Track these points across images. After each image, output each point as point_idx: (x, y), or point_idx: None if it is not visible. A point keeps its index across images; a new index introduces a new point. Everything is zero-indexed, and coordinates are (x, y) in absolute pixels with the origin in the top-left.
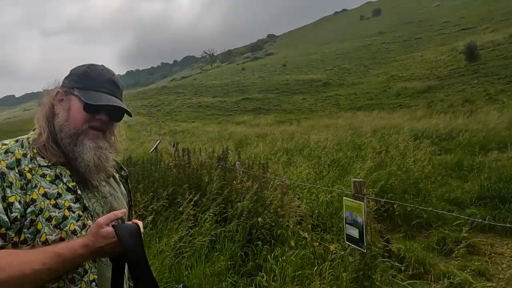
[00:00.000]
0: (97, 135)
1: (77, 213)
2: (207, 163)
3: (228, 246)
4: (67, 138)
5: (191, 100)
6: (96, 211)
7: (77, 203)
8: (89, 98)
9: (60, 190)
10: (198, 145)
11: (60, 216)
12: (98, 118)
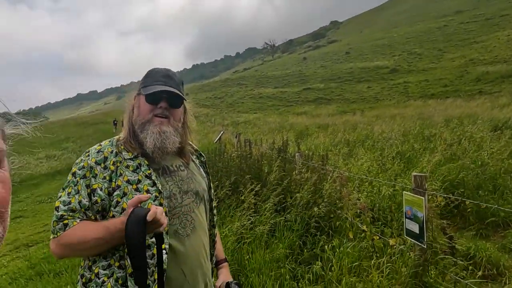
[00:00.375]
0: (161, 122)
1: (154, 195)
2: (268, 154)
3: (287, 235)
4: (139, 129)
5: (253, 91)
6: (172, 192)
7: (154, 187)
8: (147, 91)
9: (140, 177)
10: (259, 136)
11: None
12: (160, 106)
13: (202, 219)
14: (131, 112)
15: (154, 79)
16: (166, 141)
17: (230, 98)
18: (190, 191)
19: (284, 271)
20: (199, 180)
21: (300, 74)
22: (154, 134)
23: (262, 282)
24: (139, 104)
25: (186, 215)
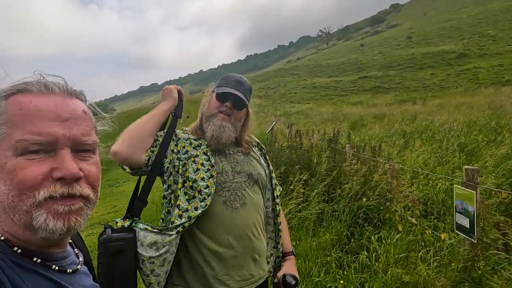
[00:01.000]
0: (223, 118)
1: (207, 167)
2: (318, 145)
3: (334, 225)
4: (205, 119)
5: (306, 81)
6: (225, 170)
7: (208, 161)
8: (218, 90)
9: (198, 153)
10: (311, 127)
11: (195, 167)
12: (225, 105)
13: (256, 200)
14: (203, 105)
15: (226, 82)
16: (222, 134)
17: (283, 88)
18: (243, 172)
19: (331, 259)
20: (256, 165)
21: (356, 62)
22: (215, 126)
23: (308, 268)
24: (210, 100)
25: (236, 191)
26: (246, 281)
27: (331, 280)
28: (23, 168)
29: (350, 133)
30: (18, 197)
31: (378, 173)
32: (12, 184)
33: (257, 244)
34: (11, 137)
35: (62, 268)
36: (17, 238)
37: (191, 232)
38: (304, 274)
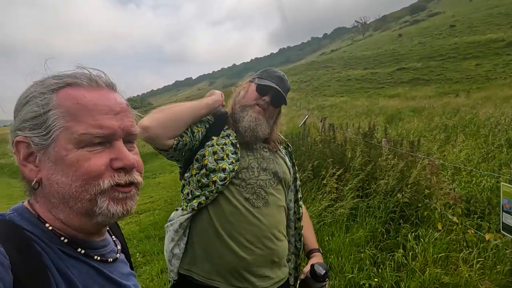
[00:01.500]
0: (259, 111)
1: (231, 160)
2: (352, 139)
3: (369, 221)
4: (239, 108)
5: (340, 74)
6: (251, 165)
7: (234, 154)
8: (260, 82)
9: (227, 142)
10: (345, 121)
11: (221, 156)
12: (264, 99)
13: (279, 199)
14: (237, 94)
15: (269, 76)
16: (258, 127)
17: (316, 82)
18: (269, 170)
19: (364, 256)
20: (281, 164)
21: (393, 53)
22: (252, 117)
23: (341, 264)
24: (249, 89)
25: (260, 188)
26: (263, 281)
27: (365, 277)
28: (87, 160)
29: (386, 127)
30: (82, 187)
31: (417, 168)
32: (76, 175)
33: (278, 246)
34: (72, 131)
35: (104, 258)
36: (70, 225)
37: (209, 221)
38: (337, 270)
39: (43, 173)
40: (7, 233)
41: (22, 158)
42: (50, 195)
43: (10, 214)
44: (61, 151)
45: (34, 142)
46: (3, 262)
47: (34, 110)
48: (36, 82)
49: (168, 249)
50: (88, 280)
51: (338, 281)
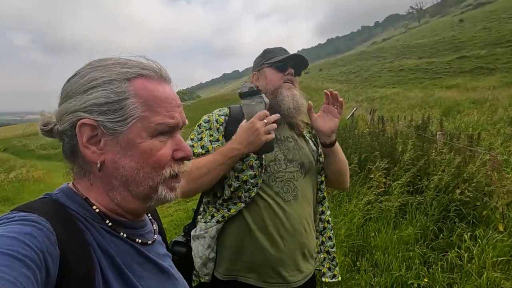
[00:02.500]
0: (289, 86)
1: (257, 155)
2: (404, 132)
3: (419, 218)
4: (270, 95)
5: (392, 64)
6: (277, 157)
7: None
8: (275, 60)
9: None
10: (397, 113)
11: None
12: (287, 73)
13: (307, 191)
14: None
15: (274, 53)
16: (299, 102)
17: (366, 72)
18: (295, 161)
19: (413, 255)
20: (307, 153)
21: (453, 40)
22: (288, 96)
23: (388, 261)
24: (266, 75)
25: (289, 181)
26: (295, 276)
27: (414, 276)
28: (158, 149)
29: (442, 119)
30: (149, 173)
31: (475, 164)
32: (147, 162)
33: (308, 239)
34: (148, 120)
35: (143, 238)
36: (122, 207)
37: (241, 220)
38: (383, 267)
39: (107, 156)
40: (54, 211)
41: (86, 139)
42: (112, 177)
43: (57, 194)
44: (136, 138)
45: (106, 126)
46: (50, 238)
47: (109, 96)
48: (101, 66)
49: (204, 255)
50: (127, 257)
51: (384, 279)
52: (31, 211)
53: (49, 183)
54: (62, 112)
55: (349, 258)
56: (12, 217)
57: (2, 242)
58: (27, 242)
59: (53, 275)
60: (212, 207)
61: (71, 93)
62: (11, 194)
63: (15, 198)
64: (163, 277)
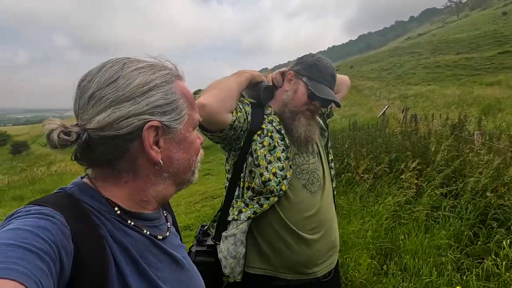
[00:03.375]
0: (309, 116)
1: (282, 147)
2: (439, 131)
3: (453, 222)
4: (288, 113)
5: (428, 60)
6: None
7: (282, 141)
8: (315, 89)
9: (273, 129)
10: (431, 111)
11: (272, 145)
12: (314, 104)
13: (327, 177)
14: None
15: (321, 76)
16: (311, 133)
17: (399, 69)
18: (313, 151)
19: (446, 260)
20: (319, 139)
21: (495, 34)
22: (304, 126)
23: (418, 266)
24: (297, 89)
25: (313, 172)
26: (327, 262)
27: (446, 283)
28: (196, 140)
29: (481, 118)
30: (194, 160)
31: None
32: (193, 151)
33: (334, 226)
34: (192, 117)
35: (159, 231)
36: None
37: (273, 215)
38: (412, 272)
39: (163, 153)
40: (68, 205)
41: (152, 141)
42: (164, 171)
43: (71, 188)
44: (185, 133)
45: (167, 125)
46: (64, 232)
47: (166, 97)
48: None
49: (238, 252)
50: (142, 249)
51: (413, 284)
52: (46, 205)
53: None
54: (116, 117)
55: (376, 261)
56: (28, 211)
57: (17, 235)
58: (41, 236)
59: (67, 268)
60: (240, 202)
61: (122, 98)
62: (50, 187)
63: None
64: (178, 268)
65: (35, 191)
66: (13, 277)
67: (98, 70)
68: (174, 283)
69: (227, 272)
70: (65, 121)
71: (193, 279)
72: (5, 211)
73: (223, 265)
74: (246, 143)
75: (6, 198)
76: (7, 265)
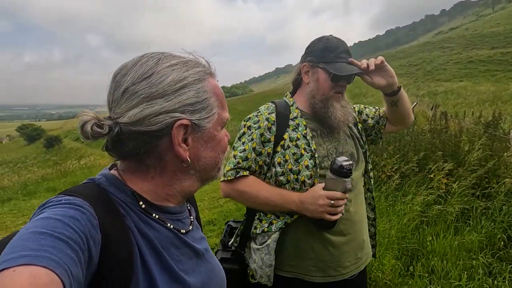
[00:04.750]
0: (339, 97)
1: (309, 154)
2: (471, 129)
3: (485, 224)
4: (320, 102)
5: (460, 55)
6: (330, 152)
7: (309, 146)
8: (335, 70)
9: (298, 135)
10: (463, 109)
11: (299, 153)
12: (339, 84)
13: (359, 180)
14: (305, 83)
15: (335, 56)
16: (348, 115)
17: (429, 65)
18: (346, 152)
19: (477, 264)
20: (355, 142)
21: None
22: (339, 109)
23: (446, 269)
24: (318, 78)
25: None
26: (355, 264)
27: (476, 287)
28: (224, 137)
29: None
30: (220, 158)
31: None
32: (221, 150)
33: (364, 227)
34: (222, 116)
35: (182, 225)
36: (181, 193)
37: (301, 220)
38: (440, 274)
39: (191, 151)
40: (97, 195)
41: (181, 139)
42: (191, 168)
43: (100, 179)
44: (214, 131)
45: (196, 124)
46: (92, 222)
47: (198, 95)
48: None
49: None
50: (165, 241)
51: (441, 287)
52: (76, 195)
53: None
54: (147, 113)
55: (402, 261)
56: (59, 201)
57: (49, 224)
58: (71, 225)
59: (95, 257)
60: (270, 214)
61: (155, 94)
62: (80, 179)
63: None
64: (199, 260)
65: (67, 183)
66: (45, 264)
67: (134, 64)
68: (196, 275)
69: (263, 281)
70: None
71: (214, 271)
72: (40, 202)
73: (259, 275)
74: (271, 155)
75: (41, 190)
76: (40, 253)
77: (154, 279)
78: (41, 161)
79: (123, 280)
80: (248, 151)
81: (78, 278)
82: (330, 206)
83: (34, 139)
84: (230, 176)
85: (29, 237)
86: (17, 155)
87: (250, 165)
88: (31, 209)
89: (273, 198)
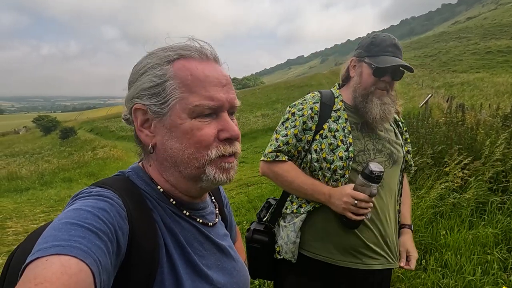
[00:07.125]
0: (382, 94)
1: (346, 146)
2: (488, 122)
3: (501, 219)
4: (360, 97)
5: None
6: (367, 147)
7: (346, 139)
8: (377, 63)
9: (338, 127)
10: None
11: (335, 144)
12: (383, 80)
13: (392, 182)
14: (346, 72)
15: (380, 49)
16: (387, 112)
17: (445, 56)
18: (384, 151)
19: (492, 259)
20: (395, 144)
21: None
22: (378, 106)
23: (460, 263)
24: (362, 72)
25: None
26: (379, 260)
27: (490, 282)
28: (199, 129)
29: None
30: (193, 154)
31: None
32: (189, 143)
33: (389, 230)
34: (187, 101)
35: (204, 220)
36: (177, 188)
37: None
38: (454, 269)
39: (157, 138)
40: (126, 189)
41: (139, 124)
42: (163, 159)
43: (129, 172)
44: (176, 120)
45: (152, 109)
46: (121, 214)
47: (152, 80)
48: (151, 53)
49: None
50: (189, 236)
51: (454, 281)
52: (106, 187)
53: (126, 161)
54: (125, 101)
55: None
56: (90, 192)
57: (79, 215)
58: (100, 216)
59: (123, 247)
60: (301, 198)
61: (131, 81)
62: (95, 170)
63: (98, 173)
64: (222, 256)
65: (82, 174)
66: (75, 254)
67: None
68: (218, 270)
69: (288, 257)
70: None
71: (237, 268)
72: (56, 192)
73: (284, 250)
74: (310, 143)
75: (57, 180)
76: (71, 243)
77: (178, 272)
78: (57, 151)
79: (149, 271)
80: (290, 136)
81: (106, 267)
82: (354, 206)
83: (49, 130)
84: (270, 158)
85: (61, 227)
86: (34, 145)
87: (290, 150)
88: (47, 199)
89: (306, 187)
